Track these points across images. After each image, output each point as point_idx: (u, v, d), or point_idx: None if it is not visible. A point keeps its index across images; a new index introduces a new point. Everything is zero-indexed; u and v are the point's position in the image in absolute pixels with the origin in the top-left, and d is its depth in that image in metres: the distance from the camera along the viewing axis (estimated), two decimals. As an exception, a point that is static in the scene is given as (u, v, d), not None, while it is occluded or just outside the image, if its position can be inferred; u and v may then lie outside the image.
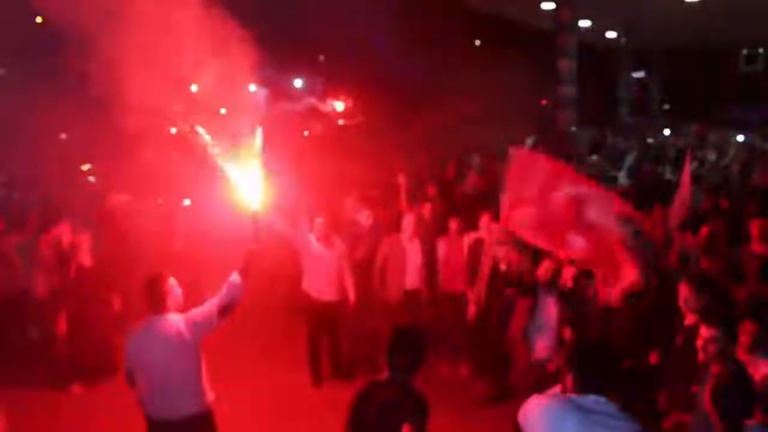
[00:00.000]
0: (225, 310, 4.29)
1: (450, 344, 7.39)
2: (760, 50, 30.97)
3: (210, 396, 4.39)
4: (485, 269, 6.80)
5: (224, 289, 4.32)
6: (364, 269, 7.20)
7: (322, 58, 18.32)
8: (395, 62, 18.63)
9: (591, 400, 2.93)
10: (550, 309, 5.81)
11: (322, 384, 7.02)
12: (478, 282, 6.93)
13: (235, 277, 4.36)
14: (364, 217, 7.60)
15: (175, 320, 4.24)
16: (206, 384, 4.37)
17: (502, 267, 6.49)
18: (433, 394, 3.55)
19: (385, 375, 3.56)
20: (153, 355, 4.20)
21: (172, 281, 4.38)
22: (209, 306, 4.29)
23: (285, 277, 7.82)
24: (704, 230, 6.94)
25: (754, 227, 6.56)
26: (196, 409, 4.29)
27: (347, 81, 23.54)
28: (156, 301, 4.26)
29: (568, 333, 5.77)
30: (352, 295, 7.02)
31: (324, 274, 6.88)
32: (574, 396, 2.98)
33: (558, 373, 5.52)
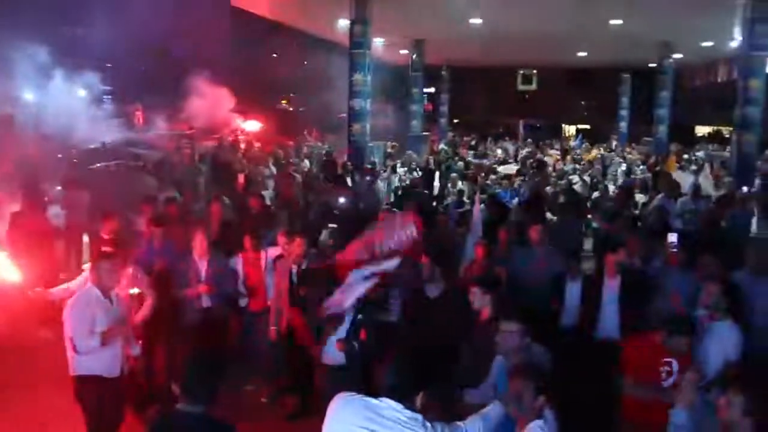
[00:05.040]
0: None
1: (253, 362, 7.21)
2: (534, 71, 34.39)
3: None
4: (284, 285, 6.76)
5: None
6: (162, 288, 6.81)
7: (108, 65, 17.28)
8: (188, 70, 18.16)
9: (385, 403, 3.09)
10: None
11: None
12: (278, 298, 6.87)
13: None
14: (158, 235, 7.23)
15: None
16: None
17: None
18: (237, 416, 3.44)
19: (182, 403, 3.31)
20: None
21: None
22: None
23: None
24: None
25: (534, 232, 7.20)
26: None
27: (139, 93, 22.47)
28: None
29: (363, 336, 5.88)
30: (147, 313, 6.60)
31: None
32: (369, 397, 3.13)
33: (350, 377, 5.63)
